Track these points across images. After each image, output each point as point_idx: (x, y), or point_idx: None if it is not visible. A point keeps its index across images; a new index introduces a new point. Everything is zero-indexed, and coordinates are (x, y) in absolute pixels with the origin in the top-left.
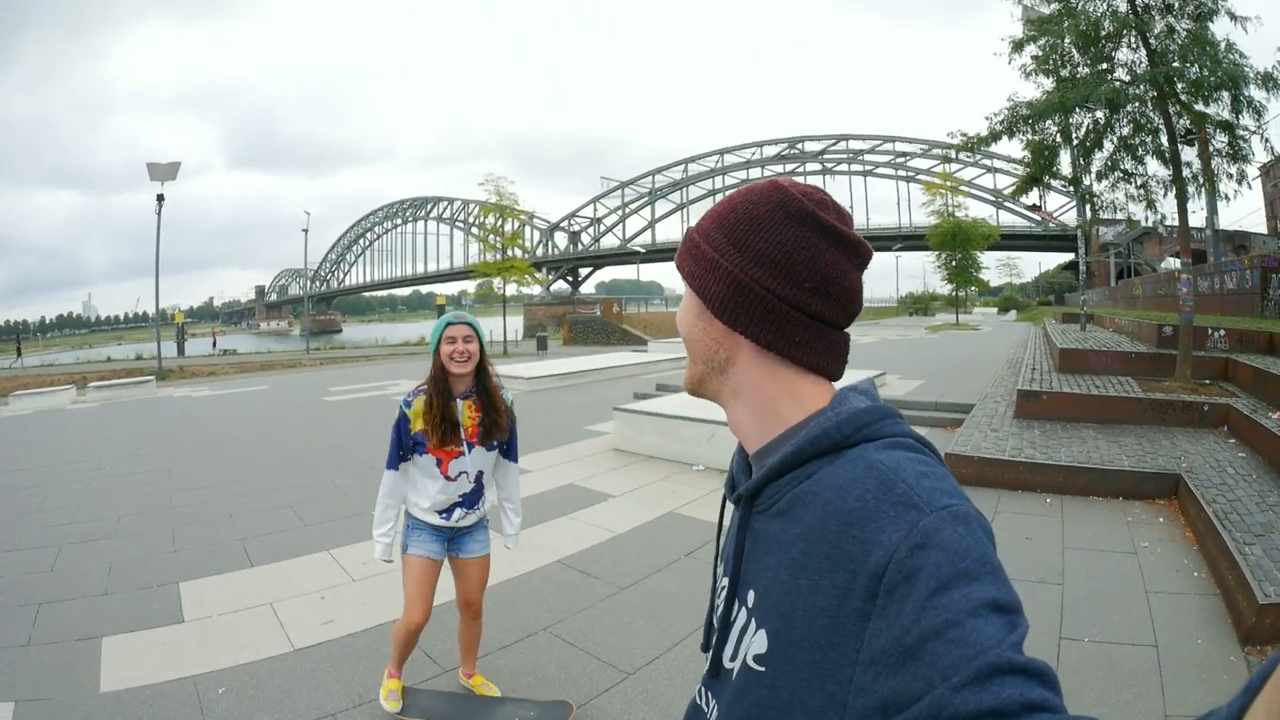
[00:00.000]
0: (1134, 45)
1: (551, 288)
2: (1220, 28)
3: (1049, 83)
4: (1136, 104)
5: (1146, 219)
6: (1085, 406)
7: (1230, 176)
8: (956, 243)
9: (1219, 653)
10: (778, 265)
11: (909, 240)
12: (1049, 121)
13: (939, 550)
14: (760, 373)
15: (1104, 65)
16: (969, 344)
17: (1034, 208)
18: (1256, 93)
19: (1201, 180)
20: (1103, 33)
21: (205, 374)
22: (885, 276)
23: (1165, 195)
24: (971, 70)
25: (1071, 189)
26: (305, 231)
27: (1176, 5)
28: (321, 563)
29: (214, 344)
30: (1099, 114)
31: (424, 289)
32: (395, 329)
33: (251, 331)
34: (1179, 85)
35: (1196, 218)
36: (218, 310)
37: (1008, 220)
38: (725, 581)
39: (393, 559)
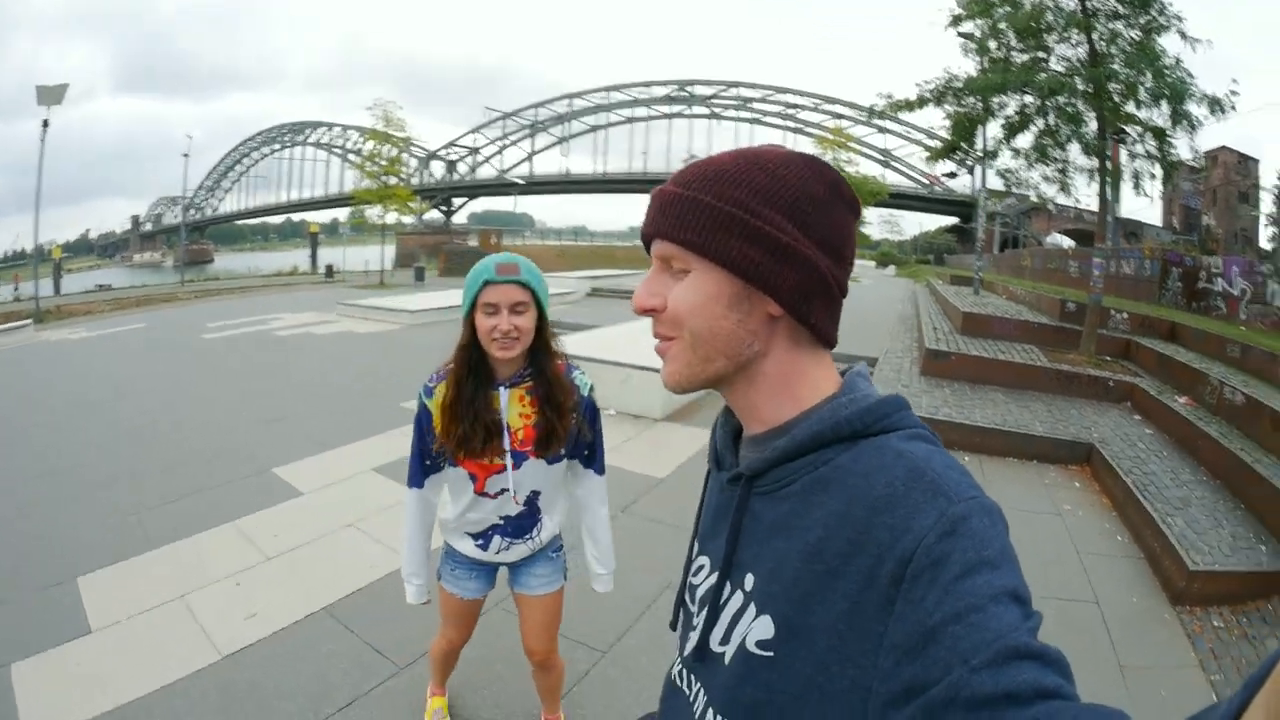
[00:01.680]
0: (1075, 42)
1: (424, 216)
2: (1171, 44)
3: (981, 62)
4: (1071, 96)
5: (1049, 199)
6: (994, 370)
7: (1153, 176)
8: None
9: (1154, 610)
10: (835, 250)
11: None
12: (982, 98)
13: (966, 538)
14: (790, 359)
15: (1040, 54)
16: (853, 295)
17: (951, 174)
18: (1195, 109)
19: (1122, 174)
20: (1042, 25)
21: (82, 313)
22: None
23: (1090, 182)
24: (876, 31)
25: (988, 161)
26: (186, 156)
27: (1128, 14)
28: (229, 538)
29: (15, 289)
30: (1029, 99)
31: (296, 217)
32: (269, 258)
33: (125, 264)
34: (1115, 86)
35: (1093, 202)
36: (94, 243)
37: (895, 180)
38: (704, 560)
39: (430, 600)
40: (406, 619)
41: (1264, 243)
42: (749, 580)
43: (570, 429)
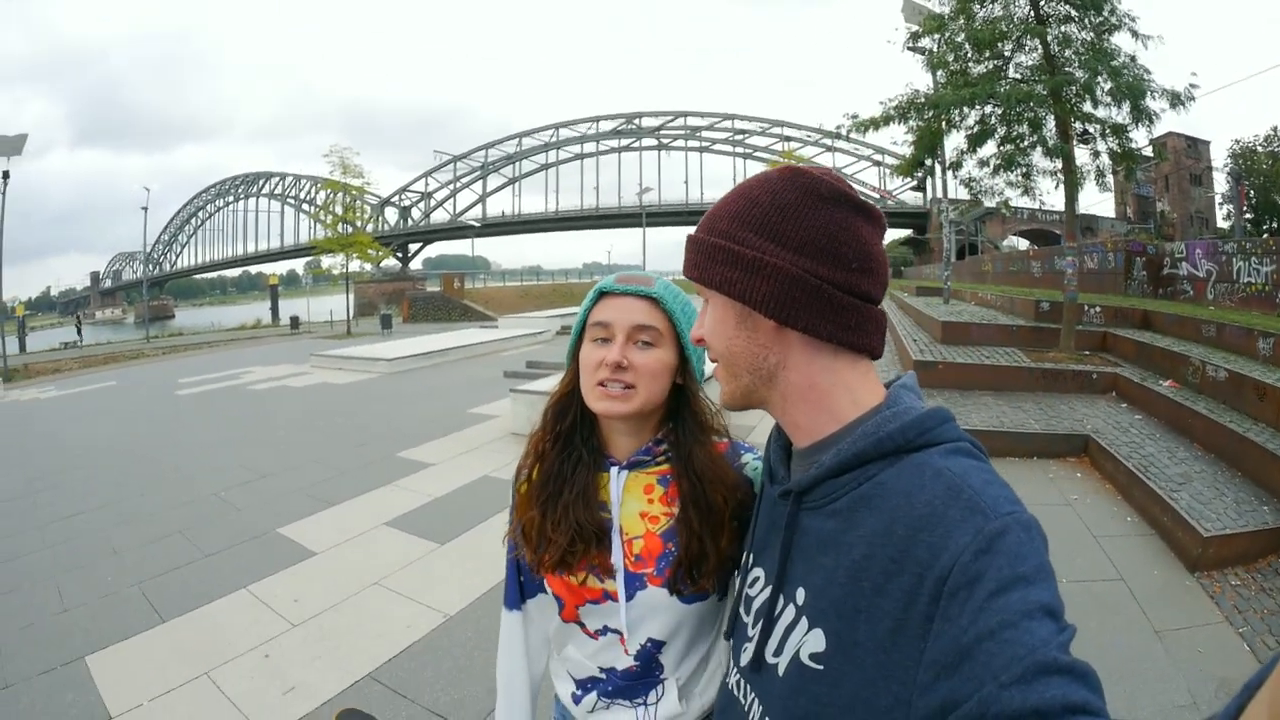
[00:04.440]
0: (1030, 49)
1: (382, 264)
2: (1124, 42)
3: (939, 76)
4: (1031, 104)
5: (1008, 204)
6: (980, 375)
7: (1116, 172)
8: None
9: (1175, 579)
10: (824, 251)
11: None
12: (948, 111)
13: (1001, 555)
14: (815, 369)
15: (998, 62)
16: None
17: (917, 187)
18: (1153, 103)
19: (1086, 173)
20: (998, 36)
21: (50, 371)
22: None
23: (1056, 186)
24: (821, 53)
25: (952, 171)
26: (145, 210)
27: (1079, 17)
28: (245, 606)
29: None
30: (989, 109)
31: (254, 269)
32: (227, 312)
33: (87, 321)
34: (1072, 89)
35: (1049, 201)
36: (55, 300)
37: None
38: (759, 573)
39: None
40: (463, 678)
41: (1220, 222)
42: (800, 594)
43: (729, 550)
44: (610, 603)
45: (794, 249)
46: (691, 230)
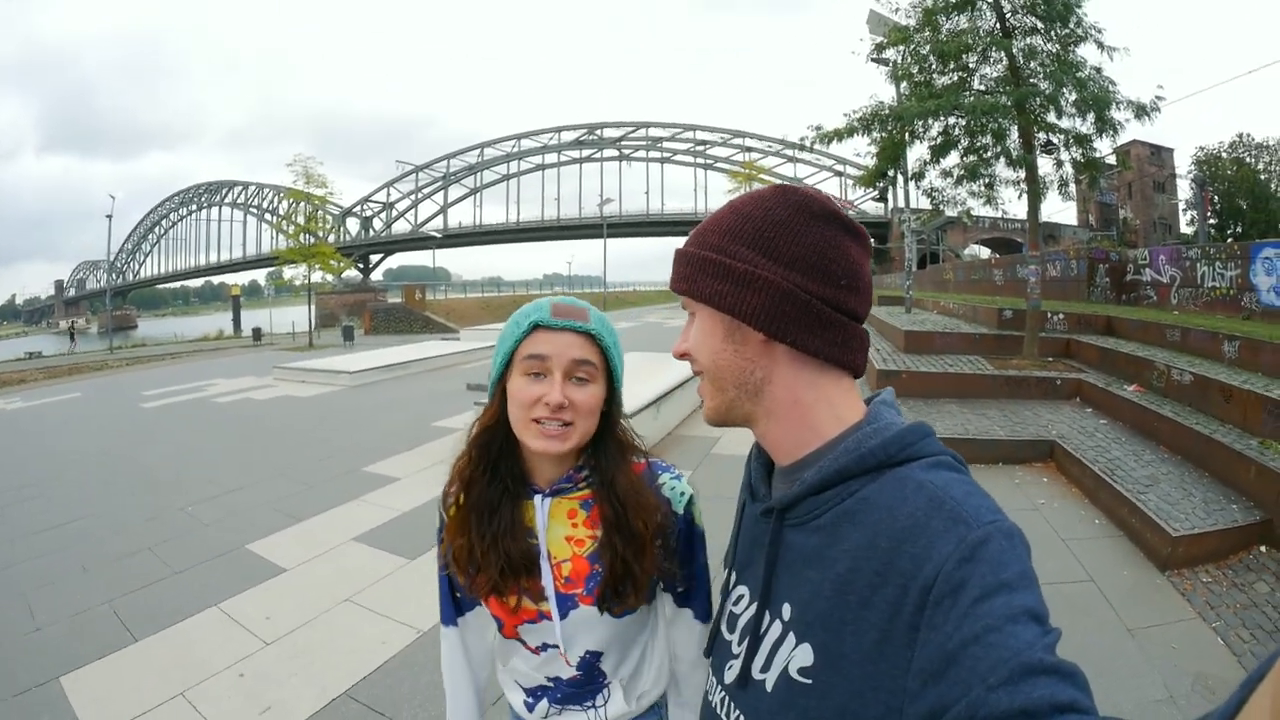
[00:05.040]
0: (994, 60)
1: (343, 275)
2: (1090, 54)
3: (905, 88)
4: (996, 115)
5: (969, 213)
6: (944, 383)
7: (1079, 181)
8: None
9: (1145, 579)
10: (814, 267)
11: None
12: (912, 122)
13: (984, 562)
14: (801, 384)
15: (963, 74)
16: None
17: (879, 198)
18: (1118, 114)
19: (1050, 183)
20: (963, 48)
21: (15, 382)
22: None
23: (1020, 195)
24: (789, 62)
25: (915, 182)
26: (109, 218)
27: (1045, 29)
28: (217, 624)
29: None
30: (953, 120)
31: (216, 279)
32: (190, 322)
33: (51, 330)
34: (1037, 101)
35: (1010, 210)
36: (20, 309)
37: None
38: (744, 590)
39: None
40: (438, 694)
41: (1184, 228)
42: (786, 610)
43: (652, 570)
44: (546, 622)
45: (786, 264)
46: (659, 240)
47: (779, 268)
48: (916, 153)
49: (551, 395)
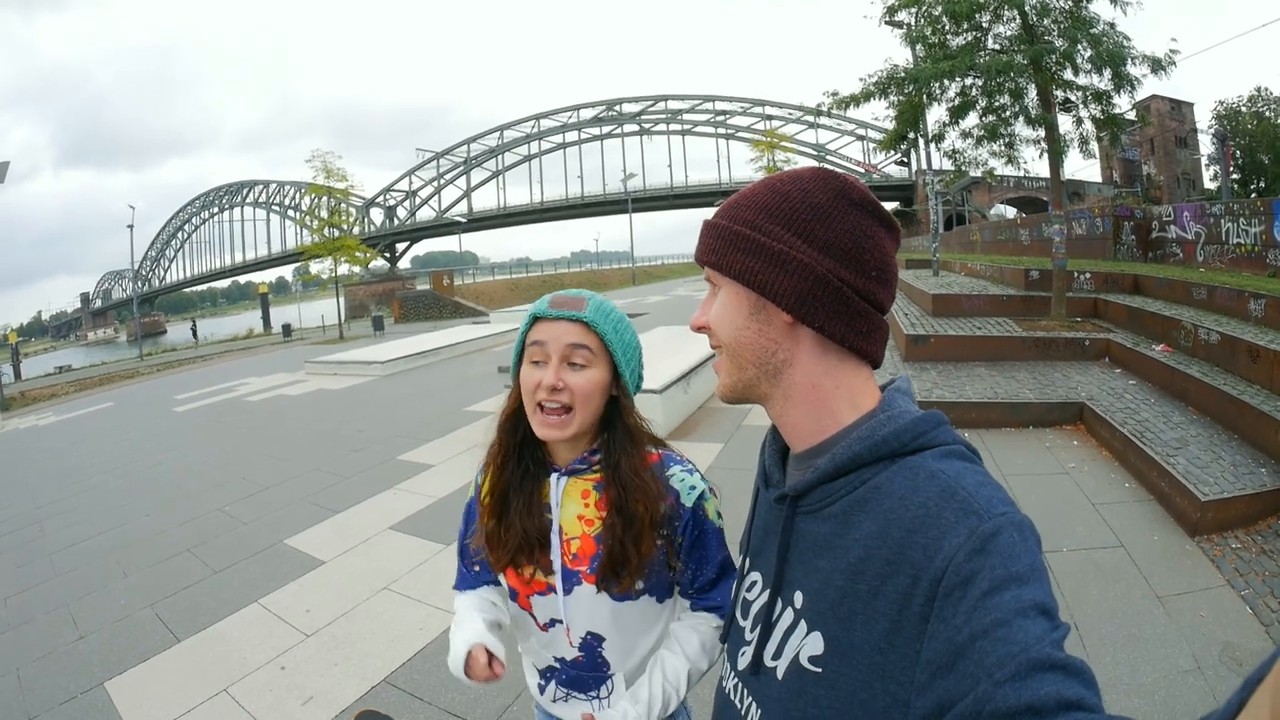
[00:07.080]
0: (1008, 19)
1: (370, 265)
2: (1103, 9)
3: (920, 50)
4: (1011, 74)
5: (993, 173)
6: (973, 346)
7: (1100, 139)
8: None
9: (1175, 544)
10: (848, 255)
11: (729, 196)
12: (928, 84)
13: (994, 555)
14: (821, 370)
15: (976, 34)
16: None
17: (901, 161)
18: (1134, 69)
19: (1070, 141)
20: (975, 7)
21: (47, 397)
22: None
23: (1040, 155)
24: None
25: (935, 144)
26: (131, 227)
27: None
28: (257, 619)
29: None
30: (970, 81)
31: (243, 279)
32: (219, 324)
33: (80, 343)
34: (1052, 58)
35: (1032, 168)
36: (47, 324)
37: None
38: (757, 577)
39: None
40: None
41: (1207, 183)
42: (798, 598)
43: (653, 556)
44: (554, 594)
45: (821, 249)
46: (684, 213)
47: (814, 251)
48: (935, 115)
49: (546, 377)
